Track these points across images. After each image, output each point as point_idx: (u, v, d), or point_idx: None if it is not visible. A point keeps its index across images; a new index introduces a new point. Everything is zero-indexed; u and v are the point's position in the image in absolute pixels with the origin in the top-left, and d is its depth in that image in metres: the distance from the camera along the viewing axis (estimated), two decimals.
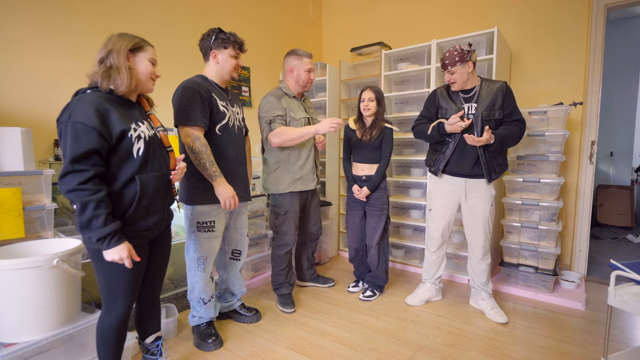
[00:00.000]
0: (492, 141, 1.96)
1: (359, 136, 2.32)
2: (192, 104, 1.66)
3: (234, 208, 1.82)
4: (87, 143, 1.12)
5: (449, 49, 2.02)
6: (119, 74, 1.23)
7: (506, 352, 1.81)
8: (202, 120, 1.68)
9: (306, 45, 3.93)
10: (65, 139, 1.13)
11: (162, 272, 1.52)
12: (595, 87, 2.64)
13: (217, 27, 1.76)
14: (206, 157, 1.66)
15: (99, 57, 1.25)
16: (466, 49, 1.98)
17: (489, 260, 2.20)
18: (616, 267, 1.45)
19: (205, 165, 1.67)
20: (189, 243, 1.85)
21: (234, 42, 1.76)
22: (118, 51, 1.24)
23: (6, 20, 1.91)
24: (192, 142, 1.65)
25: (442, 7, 3.23)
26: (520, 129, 2.03)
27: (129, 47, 1.27)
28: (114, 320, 1.30)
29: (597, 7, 2.59)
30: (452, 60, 1.99)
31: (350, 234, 2.47)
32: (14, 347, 1.34)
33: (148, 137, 1.29)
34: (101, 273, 1.27)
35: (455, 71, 2.01)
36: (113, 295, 1.28)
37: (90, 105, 1.15)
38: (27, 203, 1.65)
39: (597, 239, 4.03)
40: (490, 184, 2.12)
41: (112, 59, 1.24)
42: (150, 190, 1.29)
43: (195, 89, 1.69)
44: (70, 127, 1.12)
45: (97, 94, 1.20)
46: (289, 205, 2.23)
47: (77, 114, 1.13)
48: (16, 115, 1.96)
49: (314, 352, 1.83)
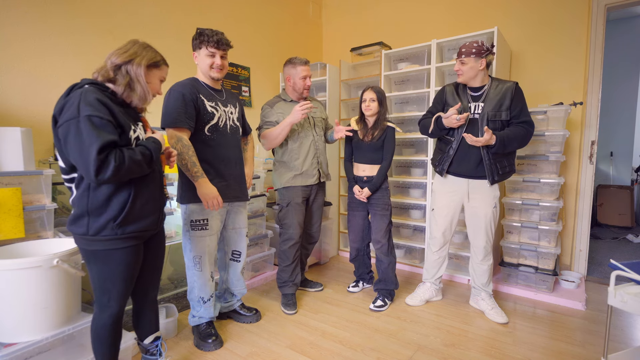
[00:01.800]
0: (492, 142, 1.94)
1: (360, 136, 2.31)
2: (176, 106, 1.68)
3: (219, 209, 1.83)
4: (107, 134, 1.10)
5: (471, 41, 2.01)
6: (142, 88, 1.25)
7: (506, 352, 1.81)
8: (186, 121, 1.69)
9: (306, 45, 3.93)
10: (80, 135, 1.08)
11: (157, 272, 1.51)
12: (595, 87, 2.64)
13: (198, 28, 1.75)
14: (187, 157, 1.67)
15: (114, 60, 1.23)
16: (486, 46, 1.96)
17: (490, 262, 2.20)
18: (616, 267, 1.45)
19: (187, 166, 1.68)
20: (185, 242, 1.85)
21: (207, 41, 1.72)
22: (139, 64, 1.24)
23: (6, 20, 1.91)
24: (175, 143, 1.67)
25: (442, 7, 3.23)
26: (526, 131, 1.98)
27: (150, 62, 1.28)
28: (108, 319, 1.30)
29: (597, 7, 2.59)
30: (468, 51, 1.97)
31: (352, 234, 2.45)
32: (14, 347, 1.34)
33: (143, 139, 1.30)
34: (95, 273, 1.26)
35: (467, 62, 1.99)
36: (107, 296, 1.27)
37: (97, 99, 1.13)
38: (27, 203, 1.65)
39: (597, 239, 4.03)
40: (493, 185, 2.10)
41: (132, 70, 1.24)
42: (144, 192, 1.28)
43: (180, 91, 1.71)
44: (86, 122, 1.08)
45: (98, 88, 1.19)
46: (291, 197, 2.25)
47: (87, 109, 1.10)
48: (16, 115, 1.95)
49: (314, 352, 1.83)
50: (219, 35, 1.74)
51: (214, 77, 1.80)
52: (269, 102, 2.28)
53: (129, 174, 1.17)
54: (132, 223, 1.25)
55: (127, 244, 1.26)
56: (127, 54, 1.23)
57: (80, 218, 1.22)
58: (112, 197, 1.21)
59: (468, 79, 2.04)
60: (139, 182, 1.26)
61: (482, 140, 1.92)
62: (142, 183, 1.27)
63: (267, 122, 2.22)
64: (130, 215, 1.24)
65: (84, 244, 1.24)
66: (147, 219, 1.31)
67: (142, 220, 1.29)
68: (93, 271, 1.26)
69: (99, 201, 1.20)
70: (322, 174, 2.35)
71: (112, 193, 1.21)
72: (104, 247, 1.23)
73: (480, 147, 2.01)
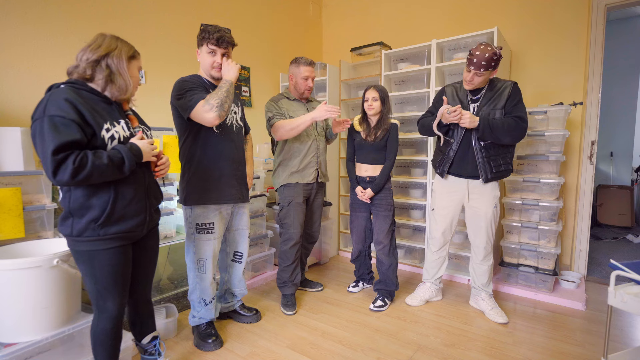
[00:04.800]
0: (475, 124, 1.92)
1: (363, 136, 2.29)
2: (187, 89, 1.65)
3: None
4: (67, 135, 1.07)
5: (487, 47, 1.86)
6: (124, 80, 1.22)
7: (506, 352, 1.81)
8: (203, 96, 1.63)
9: (306, 45, 3.93)
10: (42, 135, 1.07)
11: (150, 273, 1.50)
12: (595, 87, 2.64)
13: (202, 24, 1.71)
14: (221, 92, 1.62)
15: (89, 56, 1.20)
16: (499, 53, 1.87)
17: (490, 262, 2.20)
18: (616, 267, 1.45)
19: (224, 93, 1.62)
20: (189, 245, 1.84)
21: (208, 38, 1.66)
22: (119, 56, 1.22)
23: (6, 22, 1.91)
24: (211, 108, 1.58)
25: (442, 7, 3.23)
26: (517, 123, 1.91)
27: (129, 54, 1.25)
28: (107, 323, 1.29)
29: (597, 7, 2.59)
30: (488, 64, 1.86)
31: (354, 235, 2.44)
32: (14, 347, 1.34)
33: (123, 137, 1.25)
34: (88, 276, 1.25)
35: (484, 75, 1.93)
36: (102, 298, 1.27)
37: (65, 99, 1.11)
38: (27, 203, 1.65)
39: (597, 239, 4.03)
40: (491, 184, 2.09)
41: (113, 63, 1.21)
42: (127, 194, 1.26)
43: (188, 79, 1.71)
44: (48, 121, 1.07)
45: (72, 88, 1.17)
46: (291, 196, 2.24)
47: (52, 108, 1.09)
48: (16, 115, 1.95)
49: (314, 352, 1.83)
50: (221, 33, 1.67)
51: (214, 77, 1.76)
52: (273, 99, 2.27)
53: (93, 178, 1.11)
54: (114, 224, 1.23)
55: (110, 245, 1.24)
56: (102, 48, 1.20)
57: (66, 219, 1.21)
58: (91, 198, 1.19)
59: (477, 87, 2.02)
60: (120, 183, 1.23)
61: (467, 115, 1.90)
62: (123, 184, 1.24)
63: (278, 113, 2.18)
64: (112, 217, 1.22)
65: (70, 244, 1.24)
66: (131, 220, 1.28)
67: (125, 221, 1.26)
68: (86, 274, 1.25)
69: (78, 202, 1.18)
70: (321, 174, 2.34)
71: (90, 194, 1.19)
72: (87, 248, 1.21)
73: (474, 145, 2.01)
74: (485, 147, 2.01)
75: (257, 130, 3.17)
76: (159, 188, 1.46)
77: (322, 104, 2.06)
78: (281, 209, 2.30)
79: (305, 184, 2.27)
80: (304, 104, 2.31)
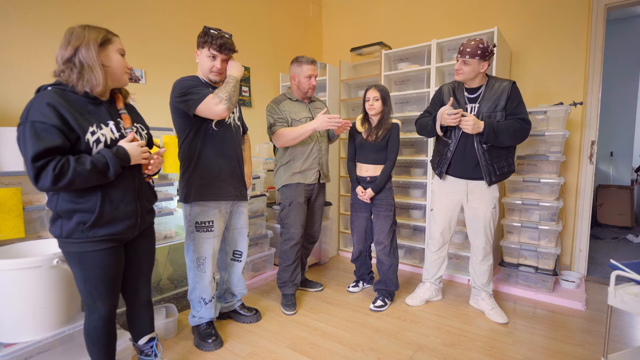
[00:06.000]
0: (481, 128, 1.91)
1: (364, 136, 2.28)
2: (191, 86, 1.66)
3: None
4: (48, 141, 1.05)
5: (475, 39, 1.92)
6: (93, 72, 1.16)
7: (506, 352, 1.81)
8: (210, 91, 1.66)
9: (306, 45, 3.93)
10: (25, 141, 1.05)
11: (146, 274, 1.49)
12: (595, 87, 2.64)
13: (205, 26, 1.70)
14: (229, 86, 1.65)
15: (63, 55, 1.16)
16: (490, 48, 1.91)
17: (490, 262, 2.20)
18: (616, 267, 1.45)
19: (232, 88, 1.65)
20: (188, 243, 1.84)
21: (210, 42, 1.66)
22: (87, 47, 1.15)
23: (6, 22, 1.91)
24: (220, 100, 1.61)
25: (442, 7, 3.23)
26: (521, 125, 1.92)
27: (98, 41, 1.17)
28: (98, 322, 1.29)
29: (597, 7, 2.59)
30: (473, 52, 1.90)
31: (355, 236, 2.43)
32: (14, 347, 1.34)
33: (110, 140, 1.21)
34: (78, 276, 1.25)
35: (470, 64, 1.94)
36: (92, 298, 1.26)
37: (47, 103, 1.09)
38: (27, 203, 1.65)
39: (597, 239, 4.02)
40: (492, 186, 2.09)
41: (82, 56, 1.15)
42: (115, 197, 1.23)
43: (186, 79, 1.71)
44: (29, 127, 1.06)
45: (57, 91, 1.14)
46: (292, 196, 2.24)
47: (34, 113, 1.07)
48: (16, 115, 1.95)
49: (314, 352, 1.83)
50: (224, 39, 1.68)
51: (212, 80, 1.77)
52: (274, 100, 2.26)
53: (75, 184, 1.09)
54: (103, 227, 1.21)
55: (100, 247, 1.22)
56: (71, 43, 1.15)
57: (55, 220, 1.21)
58: (78, 202, 1.17)
59: (467, 79, 2.02)
60: (108, 186, 1.21)
61: (470, 121, 1.90)
62: (111, 188, 1.22)
63: (279, 119, 2.18)
64: (100, 220, 1.20)
65: (61, 245, 1.23)
66: (121, 223, 1.26)
67: (114, 224, 1.24)
68: (77, 274, 1.25)
69: (65, 206, 1.17)
70: (322, 174, 2.34)
71: (76, 198, 1.17)
72: (76, 250, 1.21)
73: (477, 148, 2.00)
74: (488, 150, 2.00)
75: (257, 130, 3.17)
76: (151, 189, 1.44)
77: (322, 112, 2.06)
78: (282, 209, 2.30)
79: (307, 185, 2.27)
80: (306, 105, 2.30)
